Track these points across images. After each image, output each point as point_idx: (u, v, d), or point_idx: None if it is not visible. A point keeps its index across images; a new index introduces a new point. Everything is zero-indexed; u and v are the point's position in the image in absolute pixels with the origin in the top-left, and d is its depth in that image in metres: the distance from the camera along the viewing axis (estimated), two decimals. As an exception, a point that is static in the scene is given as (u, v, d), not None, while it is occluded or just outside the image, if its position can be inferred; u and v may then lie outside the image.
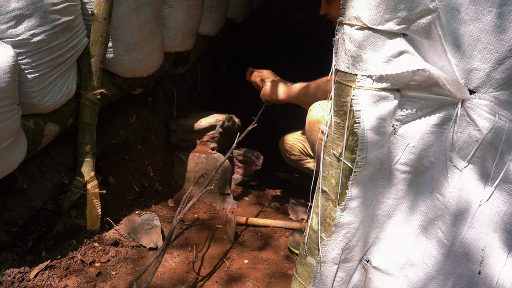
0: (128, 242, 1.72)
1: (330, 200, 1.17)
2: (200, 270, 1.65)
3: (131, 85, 1.94)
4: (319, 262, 1.21)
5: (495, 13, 0.97)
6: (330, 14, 1.91)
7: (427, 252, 1.16)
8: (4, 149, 1.29)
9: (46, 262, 1.46)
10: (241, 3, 2.82)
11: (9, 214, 1.45)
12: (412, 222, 1.19)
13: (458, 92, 1.04)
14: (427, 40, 1.05)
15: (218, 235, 1.93)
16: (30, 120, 1.45)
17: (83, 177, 1.63)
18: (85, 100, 1.62)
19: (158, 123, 2.23)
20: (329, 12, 1.90)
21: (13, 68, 1.26)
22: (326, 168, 1.17)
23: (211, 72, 2.93)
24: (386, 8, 0.99)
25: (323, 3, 1.92)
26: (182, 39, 2.13)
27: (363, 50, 1.02)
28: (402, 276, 1.21)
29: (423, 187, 1.16)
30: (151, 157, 2.17)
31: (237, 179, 2.51)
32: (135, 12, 1.70)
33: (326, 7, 1.91)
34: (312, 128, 1.82)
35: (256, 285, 1.60)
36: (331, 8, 1.89)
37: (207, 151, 2.25)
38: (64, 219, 1.63)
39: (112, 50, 1.71)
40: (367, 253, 1.24)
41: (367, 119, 1.06)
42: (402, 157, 1.13)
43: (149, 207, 2.03)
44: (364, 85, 1.04)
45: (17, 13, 1.27)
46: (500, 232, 1.10)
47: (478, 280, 1.13)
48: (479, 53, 1.00)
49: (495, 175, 1.07)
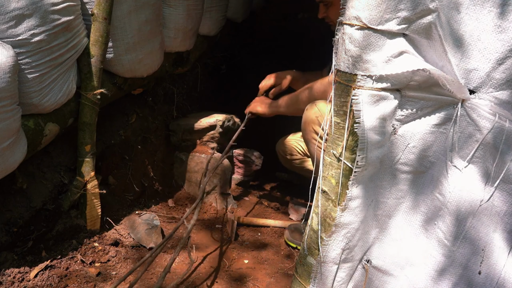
0: (128, 242, 1.72)
1: (330, 200, 1.17)
2: (200, 270, 1.65)
3: (131, 85, 1.94)
4: (319, 262, 1.21)
5: (495, 13, 0.98)
6: (328, 18, 1.90)
7: (427, 252, 1.16)
8: (4, 149, 1.29)
9: (46, 262, 1.46)
10: (241, 3, 2.82)
11: (9, 214, 1.45)
12: (412, 222, 1.19)
13: (458, 92, 1.04)
14: (427, 40, 1.05)
15: (218, 235, 1.93)
16: (30, 120, 1.45)
17: (83, 177, 1.63)
18: (85, 100, 1.62)
19: (158, 123, 2.23)
20: (327, 15, 1.90)
21: (13, 68, 1.26)
22: (326, 168, 1.17)
23: (211, 72, 2.93)
24: (386, 8, 0.99)
25: (321, 7, 1.91)
26: (182, 39, 2.13)
27: (363, 50, 1.02)
28: (402, 276, 1.21)
29: (423, 187, 1.16)
30: (151, 157, 2.17)
31: (237, 179, 2.51)
32: (135, 12, 1.70)
33: (325, 11, 1.90)
34: (306, 127, 1.84)
35: (256, 285, 1.60)
36: (330, 12, 1.88)
37: (207, 151, 2.25)
38: (64, 219, 1.63)
39: (112, 50, 1.71)
40: (367, 253, 1.24)
41: (367, 119, 1.06)
42: (402, 157, 1.13)
43: (149, 207, 2.03)
44: (364, 85, 1.05)
45: (17, 13, 1.27)
46: (500, 232, 1.11)
47: (478, 280, 1.13)
48: (479, 53, 1.00)
49: (495, 175, 1.07)
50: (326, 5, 1.89)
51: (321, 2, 1.90)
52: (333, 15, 1.88)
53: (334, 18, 1.89)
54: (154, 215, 1.84)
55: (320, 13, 1.93)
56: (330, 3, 1.86)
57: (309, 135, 1.86)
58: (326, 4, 1.88)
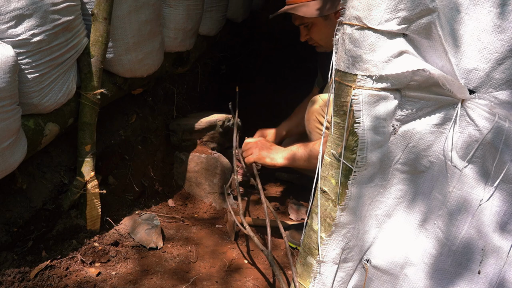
0: (128, 242, 1.72)
1: (330, 200, 1.17)
2: (200, 270, 1.65)
3: (131, 85, 1.94)
4: (319, 262, 1.21)
5: (495, 13, 0.98)
6: (312, 39, 1.84)
7: (427, 252, 1.16)
8: (4, 149, 1.29)
9: (46, 262, 1.46)
10: (241, 3, 2.83)
11: (9, 214, 1.45)
12: (412, 221, 1.19)
13: (458, 92, 1.05)
14: (427, 40, 1.05)
15: (218, 235, 1.93)
16: (30, 120, 1.45)
17: (83, 177, 1.64)
18: (85, 100, 1.62)
19: (158, 123, 2.23)
20: (310, 37, 1.84)
21: (13, 68, 1.26)
22: (326, 168, 1.17)
23: (211, 72, 2.93)
24: (386, 8, 0.99)
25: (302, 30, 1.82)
26: (182, 39, 2.13)
27: (363, 50, 1.02)
28: (402, 276, 1.21)
29: (423, 187, 1.16)
30: (151, 157, 2.17)
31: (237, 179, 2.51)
32: (135, 12, 1.70)
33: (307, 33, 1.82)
34: (310, 117, 1.81)
35: (256, 285, 1.60)
36: (312, 33, 1.80)
37: (207, 151, 2.25)
38: (64, 219, 1.63)
39: (112, 50, 1.71)
40: (367, 252, 1.24)
41: (367, 119, 1.06)
42: (402, 157, 1.13)
43: (149, 207, 2.03)
44: (364, 85, 1.05)
45: (17, 13, 1.27)
46: (500, 232, 1.11)
47: (478, 280, 1.13)
48: (479, 53, 1.01)
49: (495, 175, 1.07)
50: (307, 27, 1.81)
51: (301, 24, 1.82)
52: (316, 36, 1.80)
53: (318, 39, 1.83)
54: (154, 215, 1.84)
55: (302, 36, 1.84)
56: (311, 24, 1.78)
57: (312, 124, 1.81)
58: (307, 25, 1.80)
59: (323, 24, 1.75)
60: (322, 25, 1.76)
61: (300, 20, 1.79)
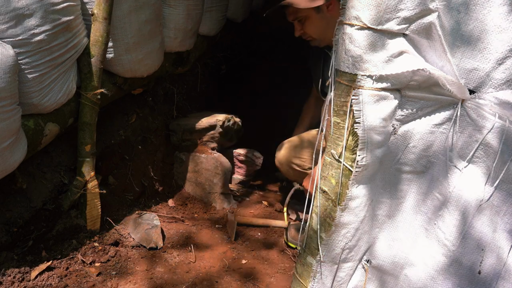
0: (128, 242, 1.72)
1: (330, 200, 1.17)
2: (200, 270, 1.65)
3: (131, 85, 1.94)
4: (319, 262, 1.21)
5: (495, 13, 0.98)
6: (306, 34, 1.85)
7: (427, 252, 1.16)
8: (4, 149, 1.29)
9: (46, 262, 1.46)
10: (241, 3, 2.82)
11: (9, 214, 1.45)
12: (412, 222, 1.19)
13: (458, 92, 1.05)
14: (427, 40, 1.05)
15: (218, 235, 1.93)
16: (30, 120, 1.45)
17: (83, 177, 1.63)
18: (85, 100, 1.62)
19: (158, 123, 2.23)
20: (304, 32, 1.85)
21: (13, 68, 1.26)
22: (326, 168, 1.17)
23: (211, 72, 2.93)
24: (386, 8, 0.99)
25: (296, 25, 1.84)
26: (182, 39, 2.13)
27: (363, 50, 1.02)
28: (402, 276, 1.21)
29: (423, 187, 1.16)
30: (151, 157, 2.17)
31: (237, 179, 2.51)
32: (135, 12, 1.70)
33: (301, 28, 1.84)
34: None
35: (256, 284, 1.60)
36: (306, 28, 1.82)
37: (207, 151, 2.25)
38: (64, 219, 1.63)
39: (112, 50, 1.71)
40: (367, 253, 1.24)
41: (367, 119, 1.06)
42: (402, 157, 1.13)
43: (149, 207, 2.03)
44: (364, 85, 1.05)
45: (17, 13, 1.27)
46: (500, 232, 1.11)
47: (478, 280, 1.13)
48: (479, 53, 1.01)
49: (495, 175, 1.07)
50: (300, 21, 1.82)
51: (295, 19, 1.84)
52: (309, 29, 1.82)
53: (311, 33, 1.84)
54: (154, 215, 1.84)
55: (297, 31, 1.86)
56: (304, 18, 1.80)
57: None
58: (301, 20, 1.82)
59: (315, 17, 1.79)
60: (315, 18, 1.80)
61: (294, 15, 1.82)
